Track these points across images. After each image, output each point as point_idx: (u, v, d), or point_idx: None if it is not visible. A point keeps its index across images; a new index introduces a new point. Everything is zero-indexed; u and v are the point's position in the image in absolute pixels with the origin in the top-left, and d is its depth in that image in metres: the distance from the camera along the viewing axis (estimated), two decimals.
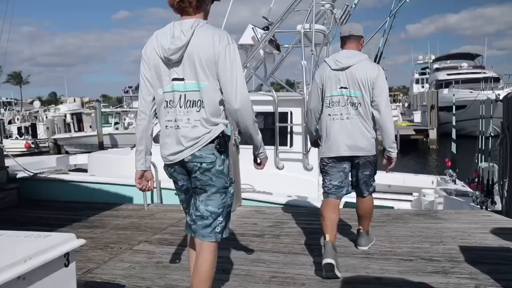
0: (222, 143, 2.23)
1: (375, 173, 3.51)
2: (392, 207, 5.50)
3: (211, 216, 2.26)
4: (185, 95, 2.19)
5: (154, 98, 2.32)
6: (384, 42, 6.91)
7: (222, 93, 2.20)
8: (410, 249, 3.60)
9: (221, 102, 2.23)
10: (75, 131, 28.31)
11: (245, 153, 6.17)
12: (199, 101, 2.19)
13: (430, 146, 22.40)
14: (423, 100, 26.69)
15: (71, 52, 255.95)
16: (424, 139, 22.96)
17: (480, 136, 5.88)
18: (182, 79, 2.19)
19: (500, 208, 4.82)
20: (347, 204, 5.34)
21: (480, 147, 5.89)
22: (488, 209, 5.11)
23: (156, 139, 6.63)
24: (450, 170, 7.44)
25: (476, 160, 6.79)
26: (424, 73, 42.41)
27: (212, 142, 2.20)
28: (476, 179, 6.49)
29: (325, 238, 3.16)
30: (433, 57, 42.52)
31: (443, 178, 7.62)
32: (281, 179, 6.04)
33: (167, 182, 6.00)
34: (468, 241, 3.73)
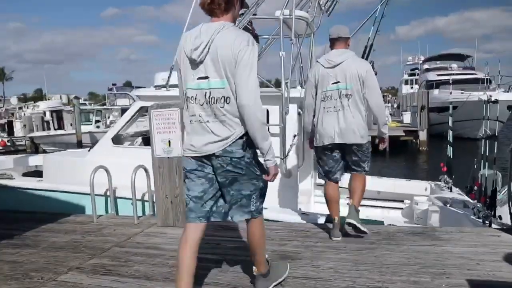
0: (250, 138, 2.37)
1: (367, 157, 3.81)
2: (382, 222, 4.73)
3: (246, 198, 2.48)
4: (210, 92, 2.33)
5: None
6: (376, 31, 6.16)
7: None
8: (406, 284, 2.82)
9: None
10: (55, 129, 27.12)
11: None
12: (222, 98, 2.31)
13: (420, 147, 21.73)
14: (413, 101, 26.13)
15: (60, 49, 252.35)
16: (414, 140, 22.30)
17: (482, 140, 5.12)
18: (207, 78, 2.33)
19: (509, 224, 4.10)
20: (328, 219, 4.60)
21: (483, 152, 5.13)
22: (493, 225, 4.39)
23: (116, 141, 5.45)
24: (446, 176, 6.69)
25: (476, 166, 6.08)
26: (413, 74, 41.89)
27: (241, 138, 2.35)
28: (476, 187, 5.80)
29: (334, 220, 3.81)
30: (422, 58, 42.02)
31: (437, 184, 6.87)
32: None
33: (122, 190, 5.21)
34: (478, 273, 2.96)
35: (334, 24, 3.96)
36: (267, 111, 5.44)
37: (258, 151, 2.46)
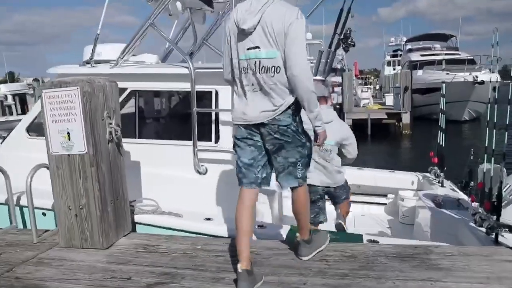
0: (297, 107, 2.55)
1: (347, 190, 4.21)
2: (361, 236, 3.65)
3: (292, 165, 2.61)
4: (260, 61, 2.47)
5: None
6: None
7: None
8: None
9: None
10: (17, 114, 25.40)
11: (145, 151, 4.25)
12: (273, 67, 2.45)
13: (402, 131, 20.83)
14: (396, 82, 25.14)
15: (34, 31, 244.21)
16: (397, 124, 21.38)
17: (488, 129, 4.01)
18: (257, 47, 2.47)
19: None
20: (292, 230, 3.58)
21: (487, 145, 4.01)
22: (500, 237, 3.37)
23: (34, 131, 3.92)
24: (436, 168, 5.67)
25: (472, 157, 5.05)
26: (396, 55, 40.97)
27: (289, 107, 2.50)
28: (472, 185, 4.77)
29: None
30: (405, 39, 41.08)
31: (426, 177, 5.85)
32: (203, 188, 4.09)
33: (35, 195, 4.04)
34: None
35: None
36: (216, 92, 4.29)
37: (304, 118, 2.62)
